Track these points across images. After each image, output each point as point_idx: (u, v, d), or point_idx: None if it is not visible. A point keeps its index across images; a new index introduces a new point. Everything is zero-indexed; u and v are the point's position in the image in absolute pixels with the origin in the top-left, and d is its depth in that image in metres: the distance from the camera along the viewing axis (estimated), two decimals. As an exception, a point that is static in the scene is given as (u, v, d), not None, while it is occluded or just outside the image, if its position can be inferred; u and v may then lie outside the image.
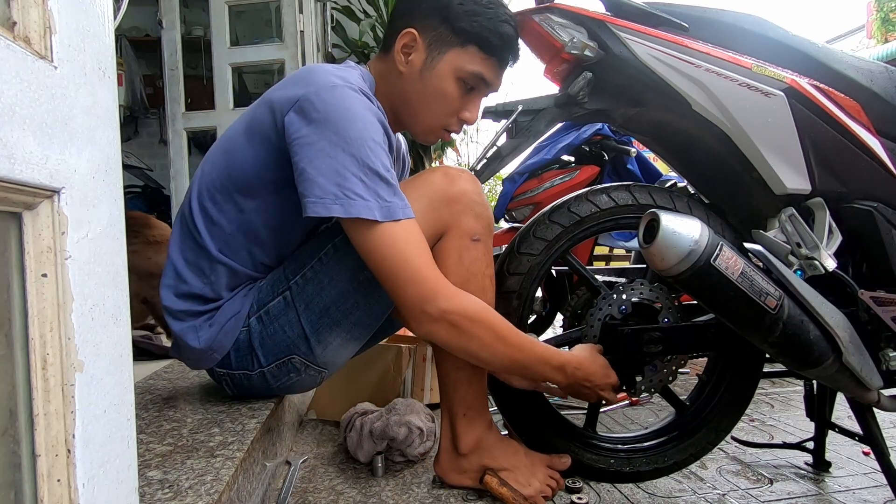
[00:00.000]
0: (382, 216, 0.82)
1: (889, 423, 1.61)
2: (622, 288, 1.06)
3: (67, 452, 0.42)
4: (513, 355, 0.90)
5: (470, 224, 0.96)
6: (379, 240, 0.83)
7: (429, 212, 0.93)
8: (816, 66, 1.03)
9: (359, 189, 0.82)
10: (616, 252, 3.49)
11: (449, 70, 0.97)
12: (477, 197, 0.97)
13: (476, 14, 0.95)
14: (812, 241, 0.99)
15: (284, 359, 0.99)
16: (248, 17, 3.33)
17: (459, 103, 1.00)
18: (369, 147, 0.84)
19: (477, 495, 1.03)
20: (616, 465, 1.11)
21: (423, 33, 0.97)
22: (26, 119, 0.38)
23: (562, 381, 0.96)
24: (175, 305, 1.00)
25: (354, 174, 0.82)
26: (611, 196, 1.07)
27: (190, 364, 1.06)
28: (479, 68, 0.97)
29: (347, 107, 0.85)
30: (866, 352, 1.00)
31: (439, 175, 0.97)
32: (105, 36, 0.47)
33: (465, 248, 0.96)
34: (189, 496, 0.68)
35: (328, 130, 0.83)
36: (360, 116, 0.85)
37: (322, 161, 0.82)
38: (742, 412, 1.16)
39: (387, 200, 0.83)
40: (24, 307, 0.40)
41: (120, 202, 0.49)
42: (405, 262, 0.83)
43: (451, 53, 0.96)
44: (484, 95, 1.03)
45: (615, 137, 2.29)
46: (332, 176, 0.82)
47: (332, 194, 0.81)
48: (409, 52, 0.98)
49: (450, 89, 0.98)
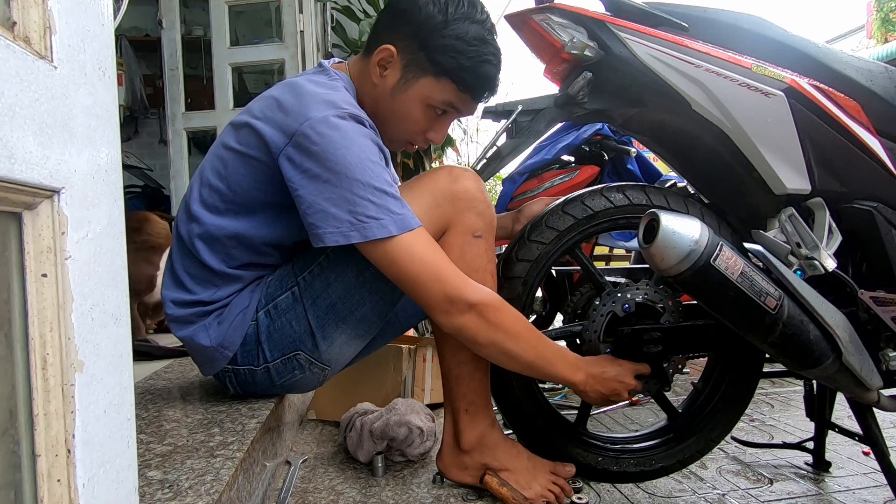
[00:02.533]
0: (398, 230, 0.85)
1: (889, 423, 1.61)
2: (627, 286, 1.07)
3: (67, 452, 0.42)
4: (537, 346, 0.92)
5: (472, 221, 0.97)
6: (398, 251, 0.86)
7: (433, 208, 0.95)
8: (816, 66, 1.03)
9: (371, 211, 0.84)
10: (616, 252, 3.49)
11: (420, 96, 0.98)
12: (480, 195, 0.98)
13: (456, 51, 0.94)
14: (812, 241, 0.99)
15: (290, 354, 1.00)
16: (248, 17, 3.32)
17: (426, 125, 1.02)
18: (369, 168, 0.86)
19: (477, 495, 1.03)
20: (604, 463, 1.11)
21: (401, 53, 0.97)
22: (26, 119, 0.38)
23: (579, 379, 0.96)
24: (181, 312, 1.00)
25: (363, 197, 0.84)
26: (626, 194, 1.07)
27: (203, 369, 1.06)
28: (450, 98, 0.99)
29: (342, 136, 0.86)
30: (866, 352, 1.00)
31: (444, 173, 0.98)
32: (105, 36, 0.47)
33: (467, 244, 0.97)
34: (189, 496, 0.68)
35: (329, 161, 0.85)
36: (355, 143, 0.87)
37: (330, 192, 0.85)
38: (734, 423, 1.16)
39: (398, 213, 0.86)
40: (24, 307, 0.40)
41: (120, 202, 0.49)
42: (426, 264, 0.87)
43: (425, 81, 0.97)
44: (454, 119, 1.06)
45: (615, 137, 2.28)
46: (343, 204, 0.84)
47: (348, 222, 0.84)
48: (385, 66, 0.98)
49: (417, 114, 1.00)
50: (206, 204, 0.98)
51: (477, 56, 0.94)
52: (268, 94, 0.97)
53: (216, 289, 1.00)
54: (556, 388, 2.07)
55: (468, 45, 0.94)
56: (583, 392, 0.99)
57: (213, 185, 0.98)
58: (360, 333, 1.02)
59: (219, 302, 1.00)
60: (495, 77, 0.99)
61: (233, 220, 0.97)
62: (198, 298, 1.00)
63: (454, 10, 0.94)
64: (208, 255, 0.98)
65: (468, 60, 0.94)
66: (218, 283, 1.00)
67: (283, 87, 0.96)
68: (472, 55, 0.94)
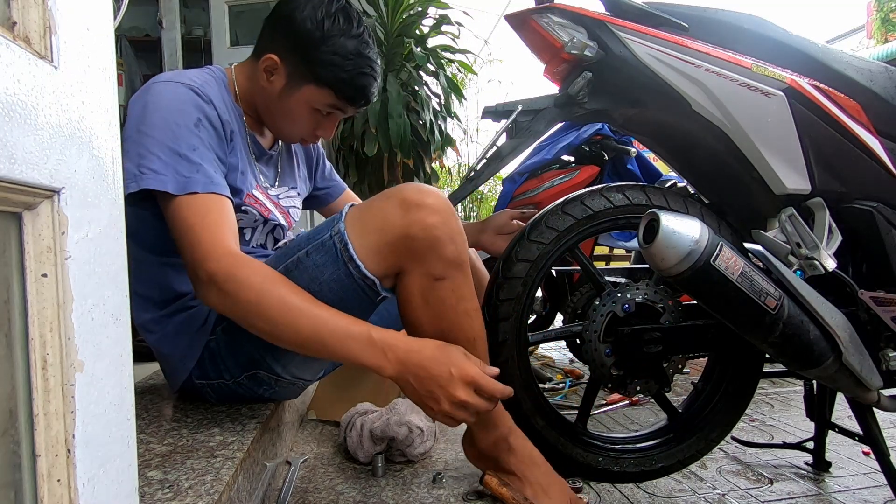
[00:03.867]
0: (175, 189, 0.85)
1: (889, 423, 1.61)
2: (627, 286, 1.07)
3: (67, 452, 0.42)
4: (297, 324, 0.78)
5: (432, 265, 0.85)
6: (173, 211, 0.85)
7: (383, 247, 0.84)
8: (816, 66, 1.03)
9: (155, 165, 0.85)
10: (616, 252, 3.49)
11: (304, 100, 1.02)
12: (441, 229, 0.83)
13: (334, 65, 0.98)
14: (812, 241, 0.99)
15: (251, 372, 0.99)
16: (248, 17, 3.33)
17: (314, 125, 1.07)
18: (172, 130, 0.87)
19: (477, 495, 1.03)
20: (604, 463, 1.11)
21: (284, 62, 1.01)
22: (26, 119, 0.38)
23: (384, 365, 0.79)
24: (141, 318, 1.02)
25: (154, 153, 0.86)
26: (626, 194, 1.07)
27: (171, 381, 1.07)
28: (332, 102, 1.03)
29: (156, 99, 0.89)
30: (866, 352, 1.00)
31: (395, 204, 0.84)
32: (105, 36, 0.47)
33: (428, 290, 0.86)
34: (189, 496, 0.68)
35: (138, 122, 0.88)
36: (166, 105, 0.89)
37: (130, 148, 0.87)
38: (734, 423, 1.16)
39: (185, 176, 0.86)
40: (24, 307, 0.40)
41: (120, 202, 0.49)
42: (189, 228, 0.84)
43: (308, 88, 1.01)
44: (340, 118, 1.09)
45: (615, 137, 2.28)
46: (135, 159, 0.86)
47: (133, 175, 0.85)
48: (271, 73, 1.02)
49: (304, 115, 1.04)
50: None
51: (354, 69, 0.99)
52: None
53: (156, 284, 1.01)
54: (557, 387, 2.07)
55: (345, 60, 0.98)
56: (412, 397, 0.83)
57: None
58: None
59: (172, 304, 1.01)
60: (372, 86, 1.04)
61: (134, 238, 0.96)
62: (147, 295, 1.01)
63: (330, 26, 0.98)
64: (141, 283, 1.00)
65: (345, 73, 0.99)
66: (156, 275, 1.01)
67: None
68: (349, 68, 0.99)
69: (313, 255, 0.88)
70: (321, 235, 0.88)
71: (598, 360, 1.07)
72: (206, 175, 0.88)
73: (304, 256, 0.89)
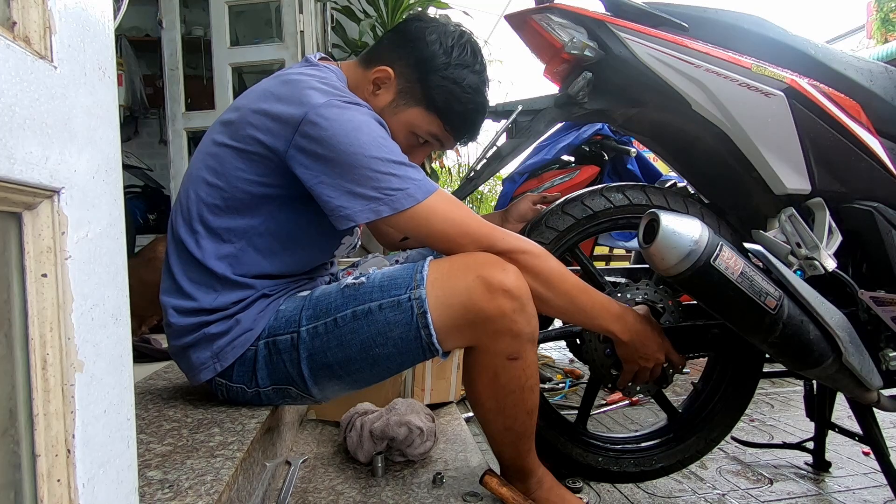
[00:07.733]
0: (423, 195, 0.87)
1: (889, 423, 1.61)
2: (627, 286, 1.07)
3: (67, 452, 0.42)
4: (577, 289, 0.94)
5: (507, 344, 0.89)
6: (425, 214, 0.88)
7: (463, 327, 0.89)
8: (816, 66, 1.03)
9: (395, 184, 0.86)
10: (616, 252, 3.49)
11: (407, 122, 1.00)
12: (517, 314, 0.88)
13: (451, 93, 0.97)
14: (812, 241, 0.99)
15: (282, 387, 0.98)
16: (248, 17, 3.33)
17: (406, 150, 1.01)
18: (383, 144, 0.87)
19: (477, 495, 1.03)
20: (604, 463, 1.11)
21: (398, 77, 0.98)
22: (26, 119, 0.38)
23: (621, 332, 0.97)
24: (182, 322, 0.97)
25: (385, 172, 0.86)
26: (626, 194, 1.07)
27: (191, 375, 1.03)
28: (435, 132, 1.01)
29: (349, 118, 0.87)
30: (866, 352, 1.00)
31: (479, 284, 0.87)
32: (105, 36, 0.47)
33: (501, 368, 0.91)
34: (189, 496, 0.68)
35: (343, 144, 0.85)
36: (363, 122, 0.88)
37: (352, 173, 0.85)
38: (734, 423, 1.16)
39: (419, 180, 0.87)
40: (24, 307, 0.40)
41: (120, 202, 0.49)
42: (453, 221, 0.89)
43: (416, 110, 0.99)
44: (432, 150, 1.08)
45: (615, 137, 2.29)
46: (368, 182, 0.85)
47: (376, 199, 0.85)
48: (379, 85, 1.00)
49: (400, 137, 0.99)
50: (207, 203, 0.95)
51: (469, 103, 0.98)
52: (259, 88, 0.96)
53: (216, 294, 0.96)
54: (557, 388, 2.07)
55: (463, 92, 0.97)
56: (619, 342, 0.99)
57: (210, 183, 0.95)
58: (354, 387, 0.99)
59: (221, 311, 0.96)
60: (478, 126, 1.03)
61: (236, 218, 0.95)
62: (199, 306, 0.96)
63: (458, 55, 0.97)
64: (213, 257, 0.95)
65: (460, 105, 0.98)
66: (218, 287, 0.96)
67: (274, 80, 0.95)
68: (464, 101, 0.98)
69: (387, 312, 0.88)
70: (398, 292, 0.88)
71: (598, 360, 1.07)
72: (422, 171, 0.90)
73: (376, 309, 0.89)
